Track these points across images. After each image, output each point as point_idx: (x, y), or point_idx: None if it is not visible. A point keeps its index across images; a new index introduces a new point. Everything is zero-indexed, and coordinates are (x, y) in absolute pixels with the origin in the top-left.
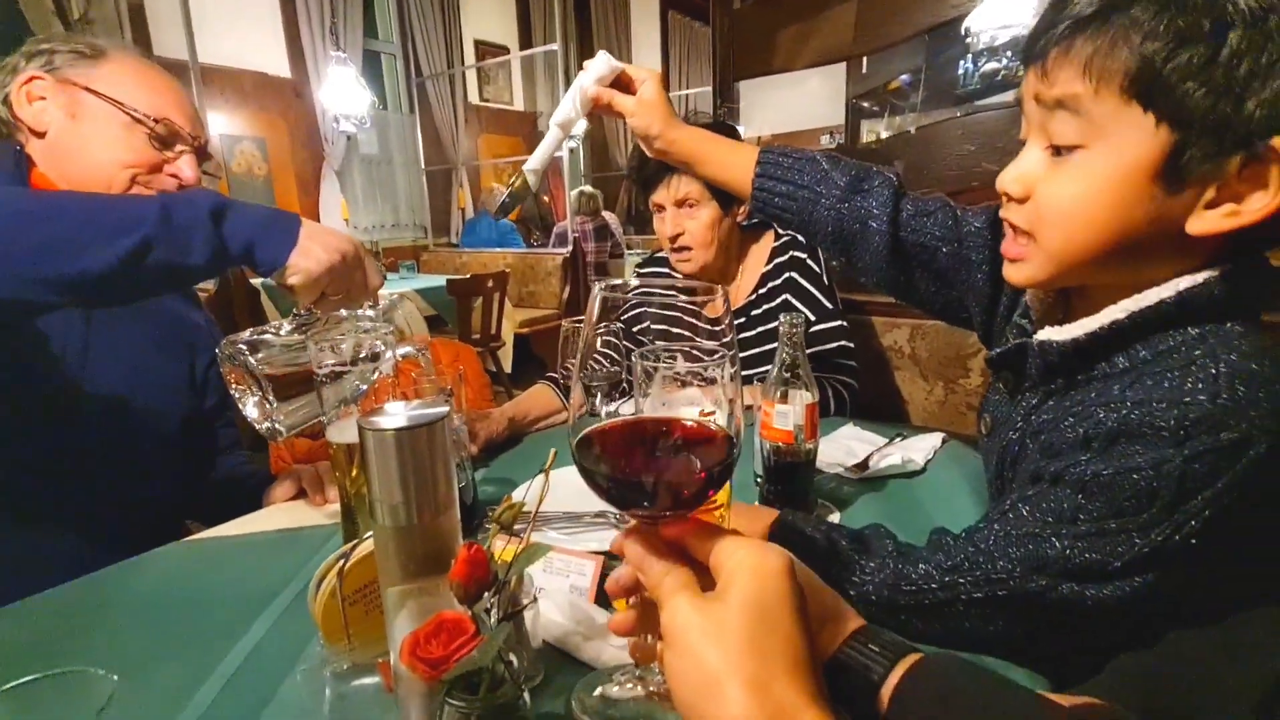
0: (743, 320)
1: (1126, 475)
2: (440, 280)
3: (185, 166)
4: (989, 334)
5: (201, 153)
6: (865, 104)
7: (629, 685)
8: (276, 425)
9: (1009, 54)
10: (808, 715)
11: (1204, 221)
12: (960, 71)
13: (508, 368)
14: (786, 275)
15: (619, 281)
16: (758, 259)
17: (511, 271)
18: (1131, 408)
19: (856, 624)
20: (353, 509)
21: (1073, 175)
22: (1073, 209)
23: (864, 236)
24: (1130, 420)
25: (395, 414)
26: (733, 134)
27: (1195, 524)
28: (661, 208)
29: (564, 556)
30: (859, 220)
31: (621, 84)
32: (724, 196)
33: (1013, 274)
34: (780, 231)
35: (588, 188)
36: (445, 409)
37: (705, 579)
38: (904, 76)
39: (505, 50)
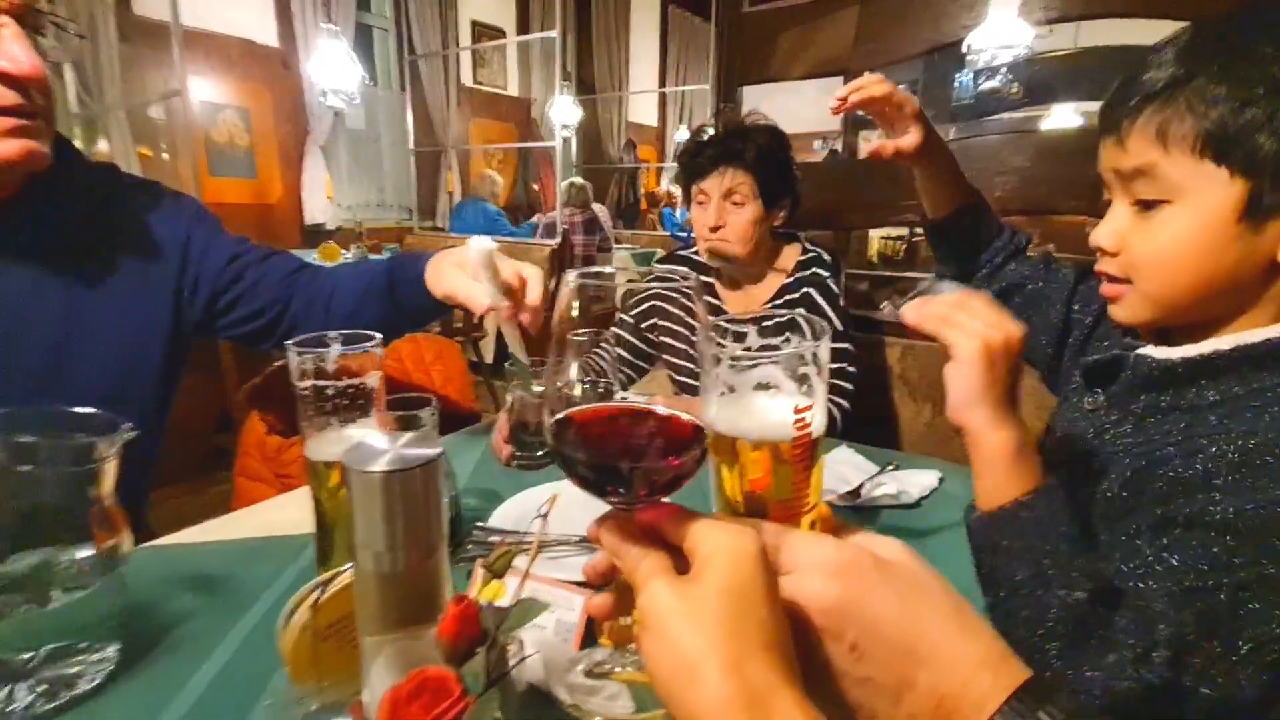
0: (755, 327)
1: (1271, 510)
2: None
3: (12, 46)
4: (1054, 372)
5: (28, 18)
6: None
7: (605, 666)
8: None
9: (1007, 73)
10: (783, 694)
11: None
12: (956, 85)
13: (489, 358)
14: (804, 291)
15: (593, 270)
16: (781, 268)
17: None
18: (1244, 438)
19: (1016, 675)
20: (328, 524)
21: (1161, 228)
22: (1166, 258)
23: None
24: (1250, 451)
25: (382, 449)
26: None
27: None
28: (706, 196)
29: (550, 587)
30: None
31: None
32: (769, 196)
33: (1116, 313)
34: (808, 246)
35: (578, 179)
36: (439, 449)
37: (681, 562)
38: (901, 87)
39: (502, 33)
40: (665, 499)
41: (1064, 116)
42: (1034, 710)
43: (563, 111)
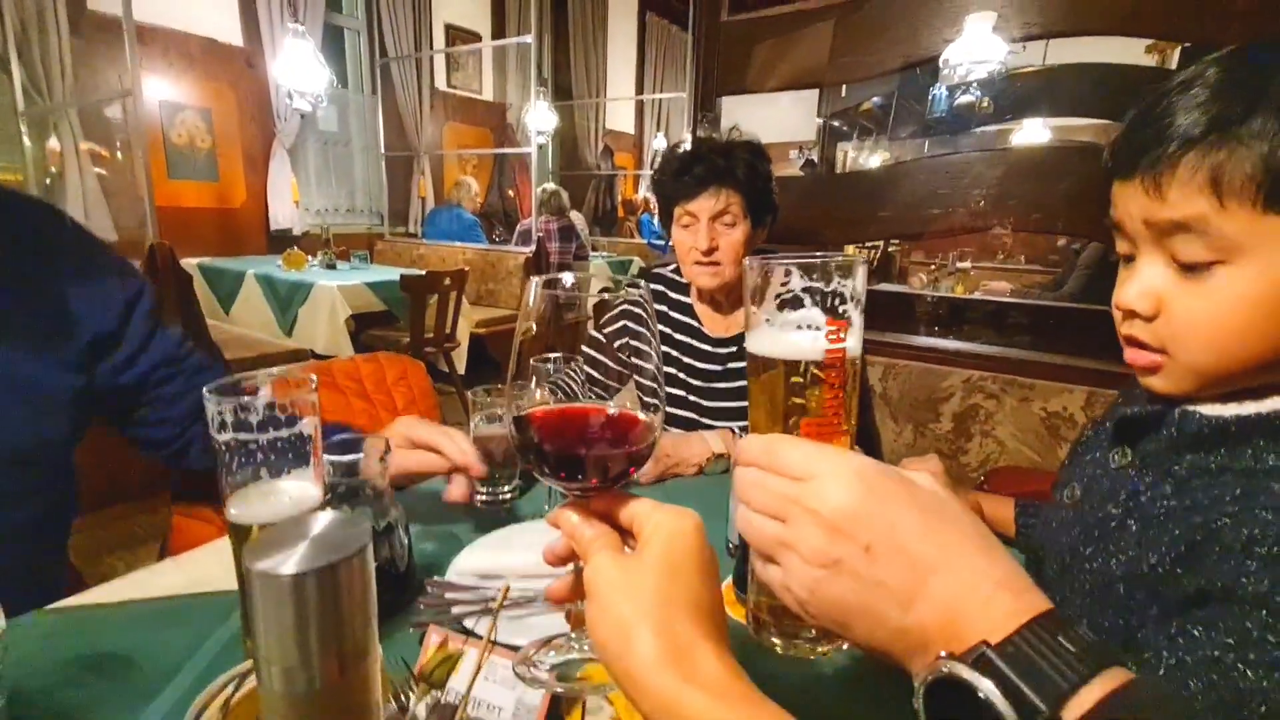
0: (734, 350)
1: None
2: (394, 274)
3: None
4: None
5: None
6: (836, 123)
7: (564, 649)
8: None
9: (980, 88)
10: (704, 647)
11: None
12: (930, 98)
13: (461, 369)
14: None
15: (555, 276)
16: None
17: (471, 269)
18: None
19: (1037, 603)
20: None
21: (1215, 292)
22: (1222, 326)
23: None
24: None
25: (291, 536)
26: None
27: None
28: (694, 218)
29: (511, 661)
30: None
31: None
32: (756, 215)
33: (1153, 384)
34: None
35: (550, 185)
36: (366, 531)
37: (633, 544)
38: (876, 99)
39: (477, 37)
40: (618, 486)
41: (1034, 131)
42: (1054, 638)
43: (538, 117)
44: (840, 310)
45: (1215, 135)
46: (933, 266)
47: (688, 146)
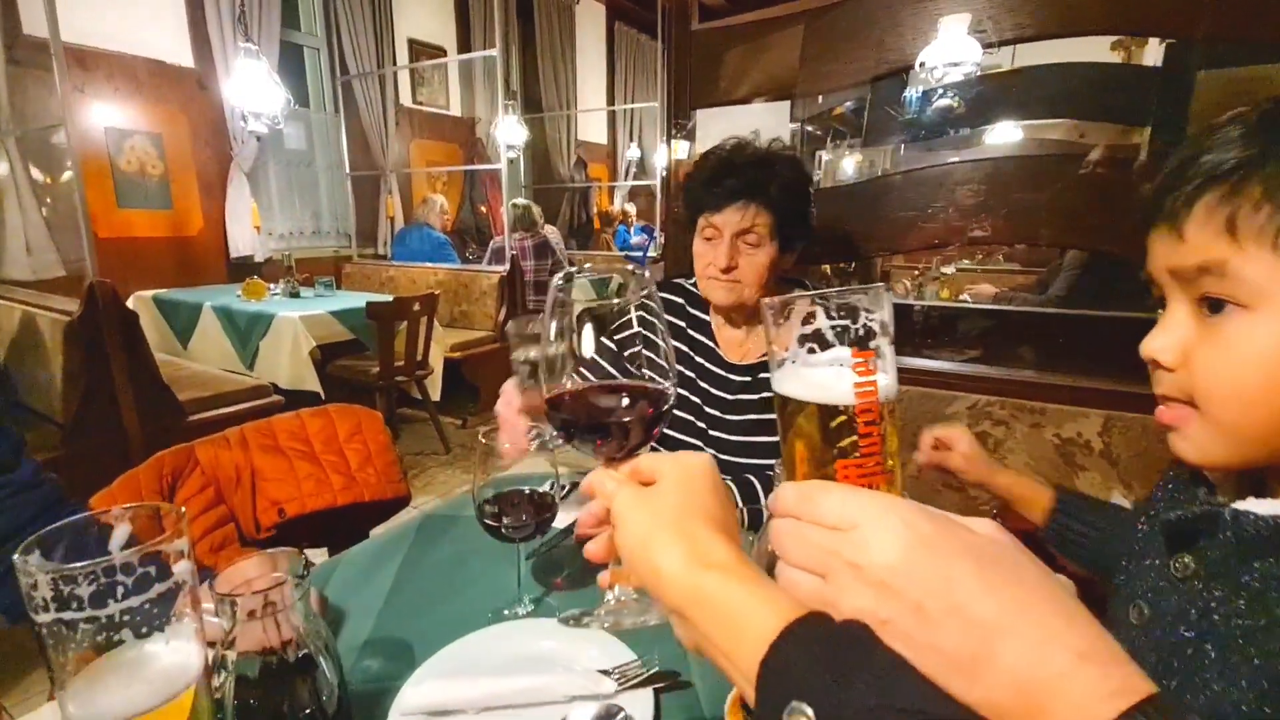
0: (748, 379)
1: None
2: (360, 300)
3: None
4: None
5: None
6: (810, 128)
7: (608, 601)
8: None
9: (955, 92)
10: (717, 539)
11: None
12: (904, 100)
13: (436, 396)
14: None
15: (573, 269)
16: None
17: (443, 290)
18: None
19: (1133, 681)
20: None
21: (1237, 340)
22: (1246, 379)
23: None
24: None
25: None
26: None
27: None
28: (717, 231)
29: None
30: None
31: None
32: (785, 238)
33: (1181, 449)
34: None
35: (520, 200)
36: None
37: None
38: (849, 103)
39: (442, 52)
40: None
41: (1007, 133)
42: None
43: (508, 131)
44: (869, 344)
45: (1237, 176)
46: (916, 272)
47: (723, 150)
